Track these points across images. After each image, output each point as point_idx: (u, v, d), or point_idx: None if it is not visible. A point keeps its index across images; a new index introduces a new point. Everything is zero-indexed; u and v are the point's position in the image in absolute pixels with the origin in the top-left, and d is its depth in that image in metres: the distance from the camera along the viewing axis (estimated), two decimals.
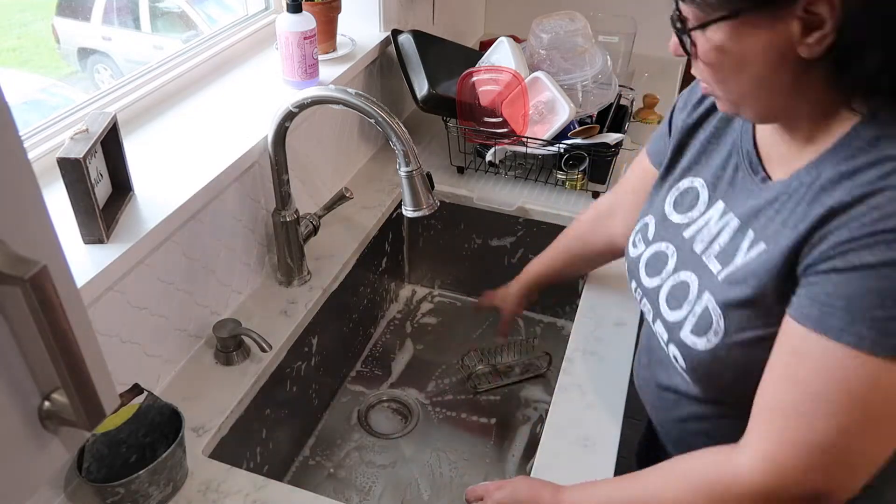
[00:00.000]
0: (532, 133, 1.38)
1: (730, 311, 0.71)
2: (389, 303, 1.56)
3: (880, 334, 0.58)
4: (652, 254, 0.85)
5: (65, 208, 0.82)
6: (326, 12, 1.30)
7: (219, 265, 1.07)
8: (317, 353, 1.22)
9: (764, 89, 0.66)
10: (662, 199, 0.87)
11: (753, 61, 0.64)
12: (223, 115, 1.14)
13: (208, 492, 0.87)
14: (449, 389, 1.37)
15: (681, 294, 0.78)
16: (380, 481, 1.19)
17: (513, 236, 1.48)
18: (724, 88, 0.69)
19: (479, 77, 1.40)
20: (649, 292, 0.84)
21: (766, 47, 0.62)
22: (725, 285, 0.72)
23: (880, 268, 0.58)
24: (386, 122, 0.96)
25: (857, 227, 0.59)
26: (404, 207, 1.04)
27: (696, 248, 0.78)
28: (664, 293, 0.81)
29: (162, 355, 0.98)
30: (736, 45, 0.63)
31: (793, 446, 0.62)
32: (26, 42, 1.42)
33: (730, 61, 0.65)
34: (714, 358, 0.73)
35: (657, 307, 0.82)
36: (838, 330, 0.60)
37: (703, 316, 0.74)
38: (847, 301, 0.59)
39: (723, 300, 0.72)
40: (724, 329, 0.71)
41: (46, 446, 0.40)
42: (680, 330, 0.77)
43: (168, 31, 2.08)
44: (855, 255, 0.59)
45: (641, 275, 0.86)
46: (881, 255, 0.58)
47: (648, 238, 0.87)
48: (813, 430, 0.61)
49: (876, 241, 0.58)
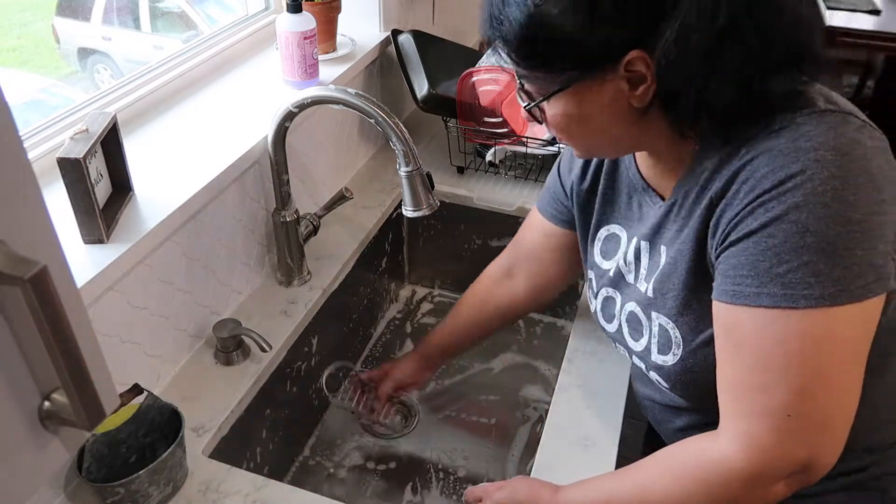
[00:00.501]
0: (532, 133, 1.38)
1: (678, 319, 0.76)
2: (389, 303, 1.56)
3: (787, 288, 0.62)
4: (601, 302, 0.91)
5: (65, 208, 0.82)
6: (326, 12, 1.30)
7: (219, 265, 1.07)
8: (317, 353, 1.22)
9: (610, 137, 0.74)
10: (592, 254, 0.93)
11: (595, 117, 0.71)
12: (223, 115, 1.14)
13: (208, 492, 0.87)
14: (449, 389, 1.37)
15: (635, 323, 0.84)
16: (380, 481, 1.19)
17: (513, 236, 1.48)
18: (577, 143, 0.77)
19: (479, 77, 1.40)
20: (615, 336, 0.90)
21: (603, 105, 0.69)
22: (660, 298, 0.78)
23: (764, 228, 0.63)
24: (386, 122, 0.96)
25: (736, 203, 0.65)
26: (404, 207, 1.04)
27: (629, 280, 0.85)
28: (625, 331, 0.86)
29: (162, 355, 0.98)
30: (576, 109, 0.71)
31: (761, 417, 0.64)
32: (26, 42, 1.42)
33: (575, 122, 0.72)
34: (685, 368, 0.77)
35: (626, 345, 0.87)
36: (754, 296, 0.64)
37: (662, 334, 0.79)
38: (751, 267, 0.64)
39: (666, 312, 0.77)
40: (682, 338, 0.76)
41: (46, 446, 0.40)
42: (650, 356, 0.82)
43: (168, 31, 2.08)
44: (743, 225, 0.64)
45: (603, 323, 0.92)
46: (762, 217, 0.63)
47: (594, 290, 0.93)
48: (772, 398, 0.64)
49: (753, 207, 0.64)
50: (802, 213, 0.61)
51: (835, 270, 0.61)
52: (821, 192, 0.60)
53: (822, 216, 0.60)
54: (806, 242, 0.61)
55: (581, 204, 0.93)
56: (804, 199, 0.61)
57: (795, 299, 0.62)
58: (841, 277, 0.61)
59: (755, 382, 0.65)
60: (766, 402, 0.64)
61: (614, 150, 0.80)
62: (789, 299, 0.62)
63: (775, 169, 0.62)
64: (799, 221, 0.61)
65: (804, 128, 0.63)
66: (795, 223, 0.61)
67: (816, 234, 0.61)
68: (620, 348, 0.90)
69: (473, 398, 1.35)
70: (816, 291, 0.61)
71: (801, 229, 0.61)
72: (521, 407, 1.33)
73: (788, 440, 0.64)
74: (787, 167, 0.62)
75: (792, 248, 0.61)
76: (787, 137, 0.63)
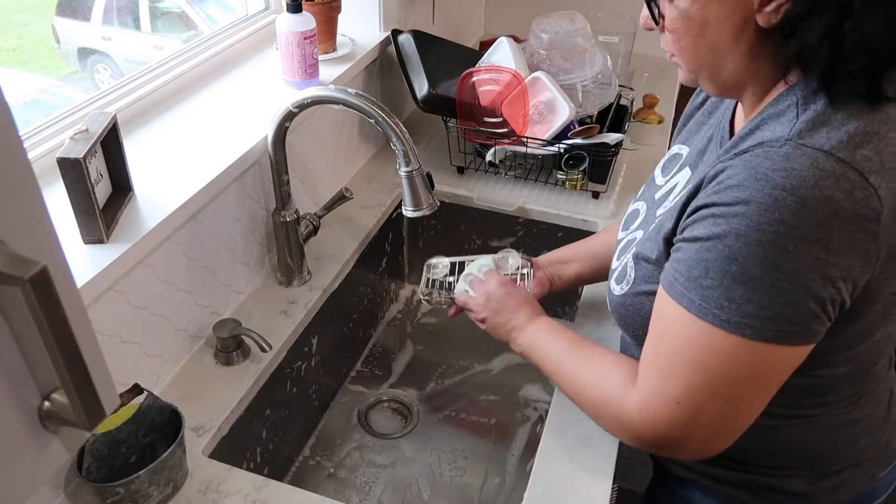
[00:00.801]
0: (532, 133, 1.38)
1: (638, 263, 0.80)
2: (389, 303, 1.56)
3: (704, 301, 0.65)
4: (631, 210, 0.94)
5: (65, 208, 0.82)
6: (326, 12, 1.30)
7: (219, 265, 1.07)
8: (317, 353, 1.22)
9: (721, 57, 0.70)
10: (660, 162, 0.95)
11: (713, 29, 0.67)
12: (223, 115, 1.14)
13: (208, 492, 0.87)
14: (449, 389, 1.37)
15: (626, 248, 0.87)
16: (380, 481, 1.19)
17: (513, 236, 1.48)
18: (685, 56, 0.73)
19: (479, 77, 1.40)
20: (616, 244, 0.93)
21: (728, 14, 0.66)
22: (643, 241, 0.81)
23: (707, 241, 0.65)
24: (386, 122, 0.96)
25: (703, 198, 0.67)
26: (404, 207, 1.04)
27: (658, 210, 0.84)
28: (620, 245, 0.90)
29: (162, 355, 0.98)
30: (700, 12, 0.67)
31: (660, 397, 0.71)
32: (26, 42, 1.41)
33: (693, 28, 0.69)
34: (623, 303, 0.83)
35: (615, 256, 0.91)
36: (680, 294, 0.68)
37: (624, 266, 0.84)
38: (686, 269, 0.67)
39: (636, 253, 0.81)
40: (633, 279, 0.81)
41: (46, 446, 0.40)
42: (611, 277, 0.88)
43: (168, 31, 2.08)
44: (697, 226, 0.67)
45: (620, 228, 0.95)
46: (709, 228, 0.65)
47: (637, 196, 0.95)
48: (671, 385, 0.70)
49: (706, 214, 0.66)
50: (738, 242, 0.62)
51: (747, 305, 0.63)
52: (763, 230, 0.61)
53: (752, 253, 0.62)
54: (730, 269, 0.63)
55: (686, 114, 0.94)
56: (745, 230, 0.62)
57: (707, 314, 0.65)
58: (751, 313, 0.63)
59: (664, 366, 0.71)
60: (665, 386, 0.70)
61: (715, 78, 0.73)
62: (703, 311, 0.66)
63: (741, 186, 0.63)
64: (732, 248, 0.63)
65: (796, 160, 0.61)
66: (729, 248, 0.63)
67: (742, 265, 0.62)
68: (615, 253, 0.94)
69: (473, 398, 1.35)
70: (725, 315, 0.64)
71: (731, 256, 0.63)
72: (520, 407, 1.33)
73: (674, 424, 0.70)
74: (749, 190, 0.62)
75: (718, 269, 0.64)
76: (774, 161, 0.62)
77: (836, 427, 0.80)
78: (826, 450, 0.82)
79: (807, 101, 0.65)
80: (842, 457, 0.82)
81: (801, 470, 0.83)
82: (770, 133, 0.65)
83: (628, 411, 0.74)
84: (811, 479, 0.83)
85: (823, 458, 0.83)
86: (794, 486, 0.84)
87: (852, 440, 0.82)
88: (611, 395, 0.77)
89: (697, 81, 0.75)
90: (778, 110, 0.67)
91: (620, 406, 0.75)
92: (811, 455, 0.82)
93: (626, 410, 0.75)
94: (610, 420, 0.78)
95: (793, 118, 0.64)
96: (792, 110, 0.65)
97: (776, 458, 0.82)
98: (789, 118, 0.65)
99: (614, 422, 0.77)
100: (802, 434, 0.80)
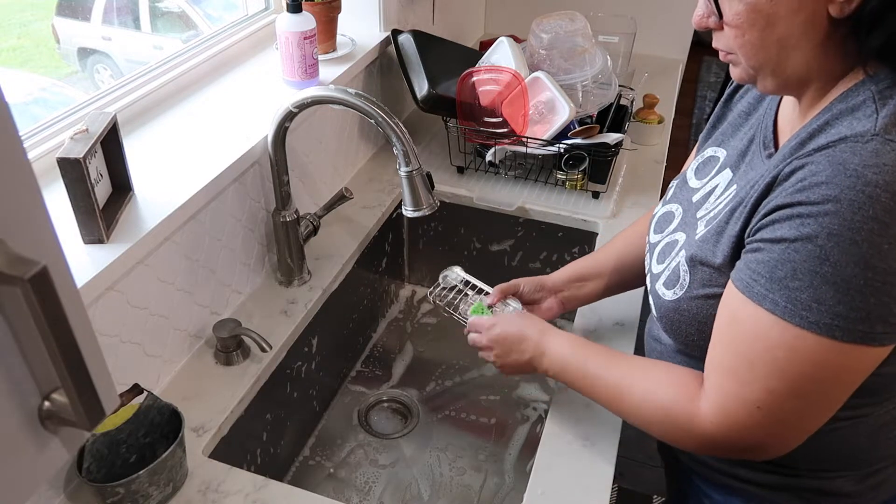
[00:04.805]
0: (532, 133, 1.38)
1: (695, 267, 0.77)
2: (389, 303, 1.56)
3: (790, 303, 0.63)
4: (664, 212, 0.91)
5: (65, 208, 0.82)
6: (326, 12, 1.30)
7: (219, 265, 1.07)
8: (317, 354, 1.22)
9: (788, 51, 0.67)
10: (691, 165, 0.92)
11: (782, 22, 0.64)
12: (223, 115, 1.14)
13: (208, 492, 0.87)
14: (449, 389, 1.37)
15: (668, 251, 0.84)
16: (380, 481, 1.19)
17: (513, 237, 1.48)
18: (749, 51, 0.69)
19: (479, 77, 1.40)
20: (651, 247, 0.90)
21: (799, 5, 0.63)
22: (697, 244, 0.78)
23: (793, 242, 0.63)
24: (386, 122, 0.96)
25: (781, 197, 0.64)
26: (404, 207, 1.04)
27: (698, 213, 0.82)
28: (658, 248, 0.87)
29: (162, 355, 0.98)
30: (768, 4, 0.64)
31: (739, 403, 0.69)
32: (26, 42, 1.41)
33: (760, 21, 0.65)
34: (677, 309, 0.79)
35: (651, 260, 0.88)
36: (761, 296, 0.65)
37: (675, 270, 0.81)
38: (769, 270, 0.65)
39: (690, 256, 0.78)
40: (689, 283, 0.78)
41: (46, 446, 0.40)
42: (657, 282, 0.84)
43: (168, 31, 2.08)
44: (779, 226, 0.64)
45: (651, 230, 0.92)
46: (795, 229, 0.63)
47: (667, 198, 0.93)
48: (751, 390, 0.68)
49: (789, 214, 0.63)
50: (830, 242, 0.60)
51: (838, 306, 0.61)
52: (856, 229, 0.59)
53: (846, 252, 0.60)
54: (822, 270, 0.61)
55: (719, 109, 0.90)
56: (838, 229, 0.60)
57: (794, 316, 0.63)
58: (842, 314, 0.61)
59: (741, 371, 0.68)
60: (743, 390, 0.68)
61: (779, 73, 0.69)
62: (789, 314, 0.63)
63: (829, 183, 0.60)
64: (825, 248, 0.61)
65: (886, 156, 0.59)
66: (821, 248, 0.61)
67: (835, 266, 0.60)
68: (647, 257, 0.90)
69: (473, 398, 1.35)
70: (814, 317, 0.62)
71: (823, 257, 0.61)
72: (520, 407, 1.33)
73: (756, 428, 0.69)
74: (838, 187, 0.60)
75: (808, 271, 0.62)
76: (863, 157, 0.60)
77: (884, 426, 0.78)
78: (871, 449, 0.80)
79: (884, 96, 0.63)
80: (883, 455, 0.81)
81: (847, 470, 0.81)
82: (848, 128, 0.63)
83: (701, 420, 0.72)
84: (857, 479, 0.81)
85: (868, 458, 0.81)
86: (841, 488, 0.81)
87: (894, 438, 0.80)
88: (675, 407, 0.75)
89: (755, 79, 0.71)
90: (850, 105, 0.64)
91: (691, 416, 0.73)
92: (858, 455, 0.80)
93: (698, 419, 0.72)
94: (678, 431, 0.75)
95: (871, 113, 0.62)
96: (868, 105, 0.63)
97: (823, 460, 0.80)
98: (866, 113, 0.63)
99: (684, 432, 0.74)
100: (853, 434, 0.78)
